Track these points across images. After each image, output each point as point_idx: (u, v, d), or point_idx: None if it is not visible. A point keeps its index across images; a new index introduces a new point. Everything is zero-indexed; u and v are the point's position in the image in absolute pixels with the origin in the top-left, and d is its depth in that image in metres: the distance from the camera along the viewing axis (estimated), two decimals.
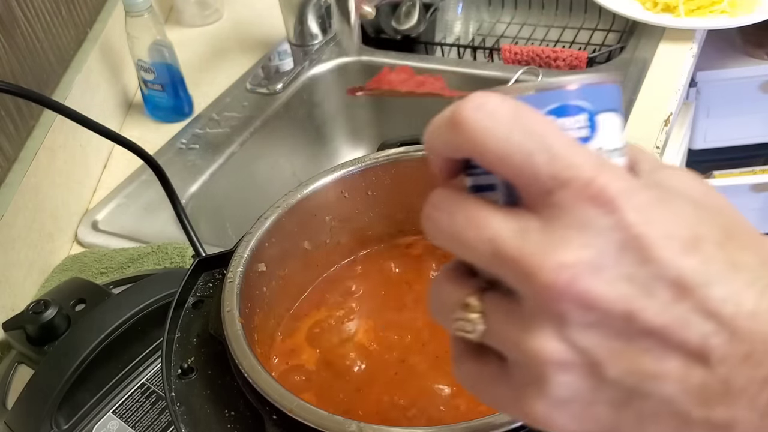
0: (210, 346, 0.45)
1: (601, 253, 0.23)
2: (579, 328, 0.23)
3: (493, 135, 0.24)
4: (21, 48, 0.82)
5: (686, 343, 0.23)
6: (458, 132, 0.24)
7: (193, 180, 0.93)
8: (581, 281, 0.23)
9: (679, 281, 0.23)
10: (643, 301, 0.23)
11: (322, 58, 1.12)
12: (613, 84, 0.28)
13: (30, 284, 0.77)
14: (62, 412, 0.57)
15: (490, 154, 0.24)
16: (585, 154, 0.24)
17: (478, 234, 0.24)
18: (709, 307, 0.23)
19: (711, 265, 0.23)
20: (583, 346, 0.23)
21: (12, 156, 0.79)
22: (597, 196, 0.23)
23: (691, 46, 1.05)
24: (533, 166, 0.24)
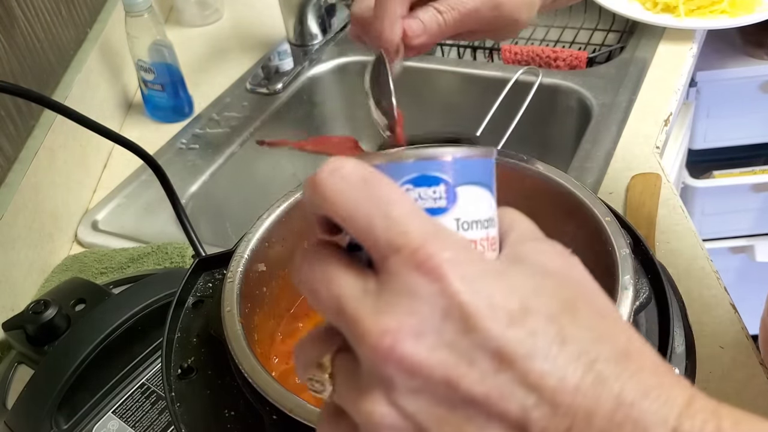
0: (210, 346, 0.45)
1: (424, 320, 0.24)
2: (405, 394, 0.24)
3: (341, 197, 0.25)
4: (21, 48, 0.82)
5: (506, 414, 0.23)
6: (315, 192, 0.26)
7: (193, 180, 0.93)
8: (402, 346, 0.23)
9: (501, 352, 0.23)
10: (463, 369, 0.23)
11: (322, 58, 1.11)
12: (484, 158, 0.28)
13: (30, 284, 0.77)
14: (62, 412, 0.57)
15: (339, 215, 0.25)
16: (421, 222, 0.25)
17: (327, 289, 0.25)
18: (530, 379, 0.23)
19: (537, 338, 0.23)
20: (410, 411, 0.24)
21: (12, 156, 0.79)
22: (423, 264, 0.24)
23: (691, 46, 1.05)
24: (373, 231, 0.25)
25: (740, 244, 1.54)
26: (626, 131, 0.90)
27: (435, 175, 0.27)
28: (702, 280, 0.71)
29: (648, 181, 0.82)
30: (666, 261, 0.49)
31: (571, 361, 0.23)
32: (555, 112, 1.01)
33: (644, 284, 0.44)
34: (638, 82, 0.98)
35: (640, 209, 0.78)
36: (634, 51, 1.05)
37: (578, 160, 0.87)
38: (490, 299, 0.24)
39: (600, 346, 0.24)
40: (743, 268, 1.57)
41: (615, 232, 0.45)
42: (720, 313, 0.68)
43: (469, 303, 0.24)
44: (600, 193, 0.82)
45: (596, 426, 0.23)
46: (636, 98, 0.96)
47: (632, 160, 0.86)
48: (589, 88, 0.98)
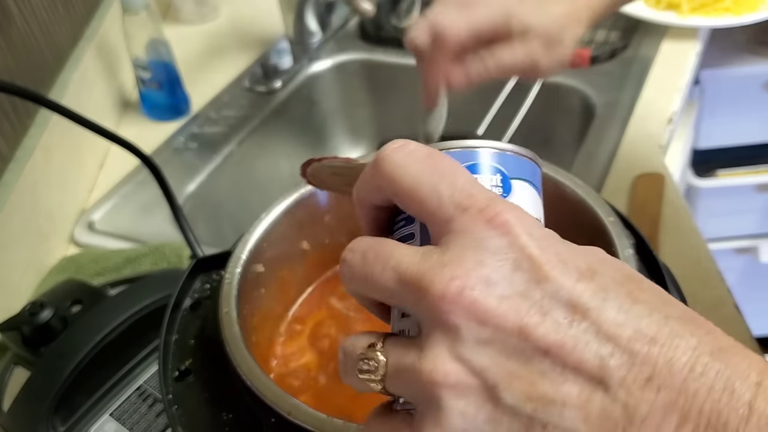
0: (207, 348, 0.45)
1: (494, 269, 0.23)
2: (472, 345, 0.23)
3: (406, 170, 0.26)
4: (17, 45, 0.82)
5: (583, 364, 0.23)
6: (379, 170, 0.27)
7: (191, 180, 0.93)
8: (471, 291, 0.23)
9: (575, 302, 0.23)
10: (537, 318, 0.23)
11: (321, 55, 1.11)
12: (533, 162, 0.30)
13: (26, 285, 0.77)
14: (59, 415, 0.56)
15: (403, 186, 0.26)
16: (485, 190, 0.26)
17: (383, 265, 0.25)
18: (605, 329, 0.23)
19: (608, 293, 0.23)
20: (478, 365, 0.23)
21: (7, 155, 0.78)
22: (493, 219, 0.24)
23: (695, 45, 1.05)
24: (438, 197, 0.25)
25: (745, 244, 1.55)
26: (630, 130, 0.90)
27: (493, 165, 0.29)
28: (706, 281, 0.71)
29: (652, 180, 0.82)
30: (670, 262, 0.49)
31: (644, 315, 0.23)
32: (557, 111, 1.01)
33: None
34: (642, 80, 0.98)
35: (643, 209, 0.78)
36: (637, 49, 1.04)
37: (581, 160, 0.86)
38: (558, 255, 0.24)
39: (670, 307, 0.24)
40: (747, 269, 1.57)
41: (618, 232, 0.44)
42: (724, 314, 0.68)
43: (539, 255, 0.24)
44: (603, 192, 0.82)
45: (678, 375, 0.22)
46: (639, 97, 0.95)
47: (636, 160, 0.86)
48: (592, 87, 0.97)
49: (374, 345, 0.26)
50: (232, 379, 0.41)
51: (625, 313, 0.23)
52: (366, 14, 0.98)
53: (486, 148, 0.29)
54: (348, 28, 1.17)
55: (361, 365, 0.26)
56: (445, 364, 0.23)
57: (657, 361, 0.22)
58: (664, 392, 0.22)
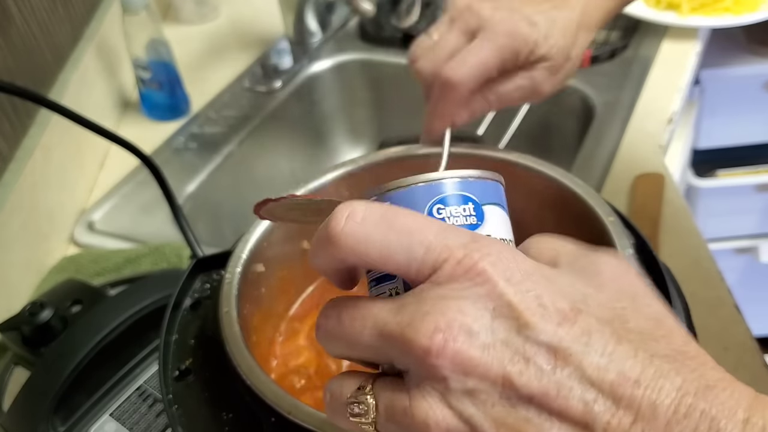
0: (208, 348, 0.45)
1: (474, 318, 0.24)
2: (460, 395, 0.24)
3: (370, 242, 0.25)
4: (17, 46, 0.81)
5: (568, 410, 0.23)
6: (337, 247, 0.26)
7: (191, 180, 0.93)
8: (455, 343, 0.23)
9: (556, 348, 0.23)
10: (520, 366, 0.23)
11: (321, 55, 1.11)
12: (496, 182, 0.30)
13: (25, 285, 0.77)
14: (59, 415, 0.56)
15: (373, 259, 0.26)
16: (458, 235, 0.25)
17: (362, 324, 0.26)
18: (588, 374, 0.23)
19: (591, 336, 0.23)
20: (467, 414, 0.23)
21: (7, 155, 0.78)
22: (470, 269, 0.24)
23: (695, 45, 1.05)
24: (413, 260, 0.25)
25: (745, 244, 1.55)
26: (629, 130, 0.90)
27: (463, 193, 0.29)
28: (706, 281, 0.71)
29: (652, 180, 0.82)
30: (670, 262, 0.49)
31: (628, 356, 0.23)
32: (557, 111, 1.01)
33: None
34: (642, 80, 0.98)
35: (643, 209, 0.78)
36: (637, 49, 1.04)
37: (581, 160, 0.86)
38: (538, 299, 0.24)
39: (656, 344, 0.24)
40: (748, 269, 1.57)
41: (618, 232, 0.44)
42: (724, 314, 0.68)
43: (518, 302, 0.24)
44: (603, 192, 0.81)
45: (662, 418, 0.22)
46: (639, 97, 0.95)
47: (636, 160, 0.86)
48: (592, 87, 0.97)
49: (363, 387, 0.26)
50: (232, 378, 0.41)
51: (608, 356, 0.23)
52: (366, 14, 0.98)
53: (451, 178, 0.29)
54: (348, 28, 1.17)
55: (352, 408, 0.26)
56: (436, 412, 0.24)
57: (641, 404, 0.22)
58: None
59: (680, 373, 0.23)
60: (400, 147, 0.54)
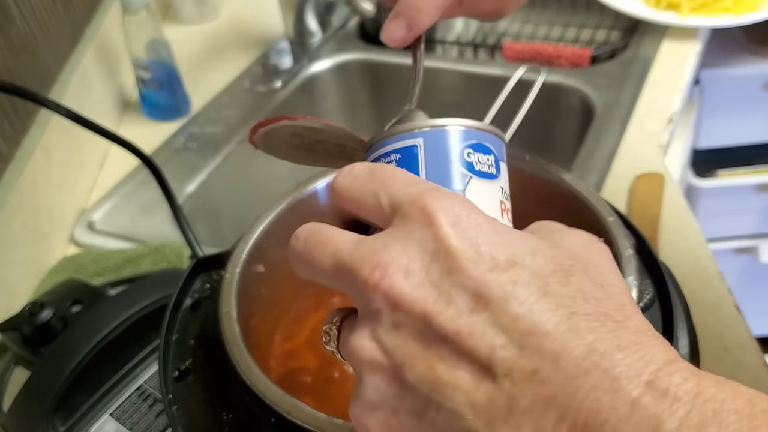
0: (207, 348, 0.45)
1: (414, 259, 0.25)
2: (387, 328, 0.25)
3: (352, 191, 0.29)
4: (17, 46, 0.81)
5: (475, 352, 0.24)
6: (333, 197, 0.30)
7: (191, 180, 0.93)
8: (389, 279, 0.25)
9: (479, 293, 0.24)
10: (440, 307, 0.24)
11: (321, 55, 1.11)
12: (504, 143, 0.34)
13: (25, 285, 0.77)
14: (59, 415, 0.56)
15: (353, 205, 0.29)
16: (423, 185, 0.28)
17: (323, 251, 0.28)
18: (503, 321, 0.24)
19: (516, 286, 0.24)
20: (389, 346, 0.25)
21: (7, 155, 0.78)
22: (420, 211, 0.26)
23: (695, 45, 1.05)
24: (380, 204, 0.28)
25: (744, 244, 1.55)
26: (630, 130, 0.90)
27: (487, 145, 0.32)
28: (706, 281, 0.71)
29: (652, 180, 0.82)
30: (670, 262, 0.49)
31: (547, 310, 0.23)
32: (557, 111, 1.01)
33: (648, 285, 0.44)
34: (642, 80, 0.98)
35: (643, 209, 0.78)
36: (637, 49, 1.04)
37: (581, 160, 0.86)
38: (476, 246, 0.25)
39: (585, 304, 0.24)
40: (747, 269, 1.57)
41: (618, 232, 0.44)
42: (724, 314, 0.68)
43: (456, 247, 0.25)
44: (603, 192, 0.81)
45: (562, 371, 0.22)
46: (639, 97, 0.95)
47: (636, 160, 0.86)
48: (592, 87, 0.97)
49: (335, 319, 0.30)
50: (232, 379, 0.41)
51: (528, 306, 0.24)
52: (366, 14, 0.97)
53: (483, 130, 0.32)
54: (348, 28, 1.17)
55: (323, 336, 0.30)
56: (364, 343, 0.26)
57: (544, 356, 0.23)
58: (547, 386, 0.22)
59: (594, 332, 0.23)
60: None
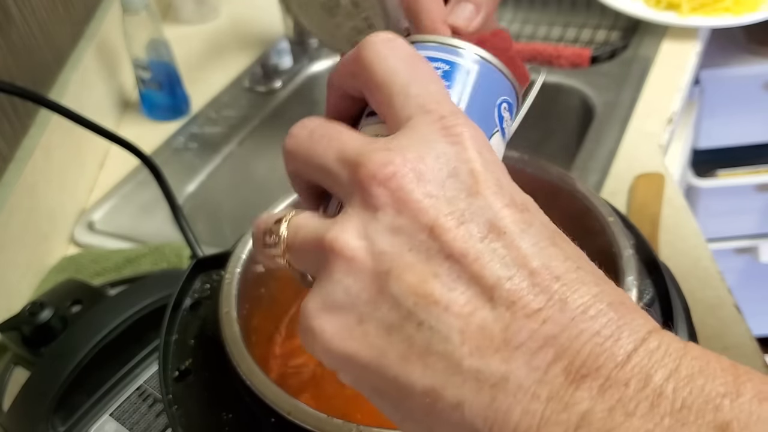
0: (208, 348, 0.45)
1: (430, 168, 0.24)
2: (382, 229, 0.23)
3: (385, 63, 0.26)
4: (17, 46, 0.82)
5: (479, 278, 0.22)
6: (359, 56, 0.27)
7: (191, 180, 0.93)
8: (401, 179, 0.23)
9: (495, 223, 0.23)
10: (452, 223, 0.23)
11: (321, 55, 1.11)
12: None
13: (25, 285, 0.77)
14: (59, 415, 0.56)
15: (376, 77, 0.26)
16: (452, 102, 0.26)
17: (328, 143, 0.26)
18: (514, 255, 0.23)
19: (532, 227, 0.23)
20: (379, 248, 0.23)
21: (7, 155, 0.79)
22: (450, 128, 0.24)
23: (695, 45, 1.05)
24: (406, 95, 0.26)
25: (744, 244, 1.55)
26: (629, 130, 0.90)
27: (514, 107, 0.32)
28: (706, 281, 0.71)
29: (652, 180, 0.82)
30: (670, 262, 0.49)
31: (557, 257, 0.23)
32: (557, 111, 1.01)
33: (648, 285, 0.44)
34: (642, 80, 0.98)
35: (643, 209, 0.78)
36: (637, 49, 1.04)
37: (581, 160, 0.86)
38: (499, 179, 0.24)
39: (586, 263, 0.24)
40: (747, 269, 1.57)
41: (618, 232, 0.44)
42: (724, 314, 0.68)
43: (480, 172, 0.24)
44: (603, 192, 0.81)
45: (568, 313, 0.22)
46: (639, 97, 0.95)
47: (636, 160, 0.86)
48: (592, 87, 0.97)
49: (281, 220, 0.26)
50: (232, 379, 0.41)
51: (540, 249, 0.23)
52: None
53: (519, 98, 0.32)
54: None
55: (265, 239, 0.27)
56: (349, 237, 0.24)
57: (552, 296, 0.22)
58: (549, 325, 0.22)
59: (600, 286, 0.23)
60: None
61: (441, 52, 0.30)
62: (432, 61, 0.30)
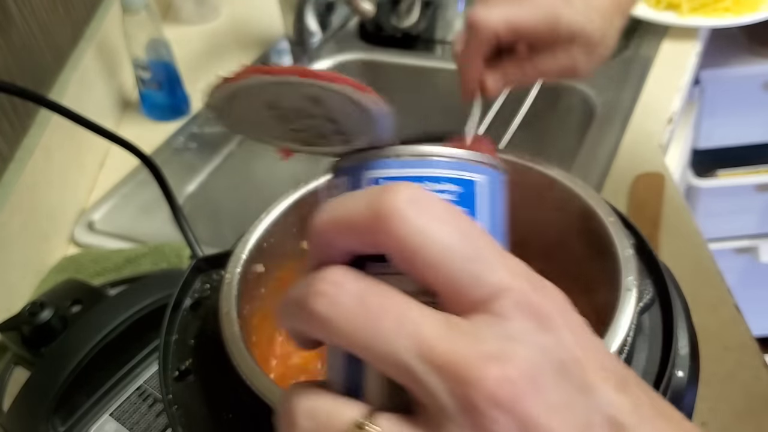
0: (208, 348, 0.44)
1: (543, 372, 0.21)
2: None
3: (428, 239, 0.21)
4: (17, 46, 0.82)
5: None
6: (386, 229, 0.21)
7: (191, 180, 0.93)
8: (523, 399, 0.20)
9: (616, 419, 0.21)
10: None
11: (320, 55, 1.11)
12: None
13: (25, 285, 0.77)
14: (59, 415, 0.56)
15: (424, 259, 0.21)
16: (521, 265, 0.23)
17: (397, 325, 0.21)
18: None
19: (642, 409, 0.22)
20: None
21: (8, 155, 0.79)
22: (537, 310, 0.22)
23: (695, 45, 1.05)
24: (472, 276, 0.22)
25: (745, 244, 1.55)
26: (629, 130, 0.90)
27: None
28: (706, 281, 0.71)
29: (652, 180, 0.82)
30: (670, 262, 0.49)
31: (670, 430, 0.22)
32: (557, 111, 1.01)
33: (648, 285, 0.44)
34: (642, 80, 0.98)
35: (643, 209, 0.78)
36: (637, 49, 1.05)
37: (581, 160, 0.86)
38: (601, 360, 0.22)
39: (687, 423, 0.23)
40: (747, 269, 1.58)
41: (618, 232, 0.44)
42: (724, 314, 0.68)
43: (584, 359, 0.22)
44: (603, 192, 0.81)
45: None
46: (639, 97, 0.95)
47: (636, 160, 0.86)
48: (592, 87, 0.97)
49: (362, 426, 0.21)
50: (232, 379, 0.41)
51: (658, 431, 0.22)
52: (366, 14, 0.98)
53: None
54: (348, 29, 1.17)
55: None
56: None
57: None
58: None
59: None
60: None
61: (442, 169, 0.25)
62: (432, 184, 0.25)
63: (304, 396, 0.22)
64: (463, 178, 0.24)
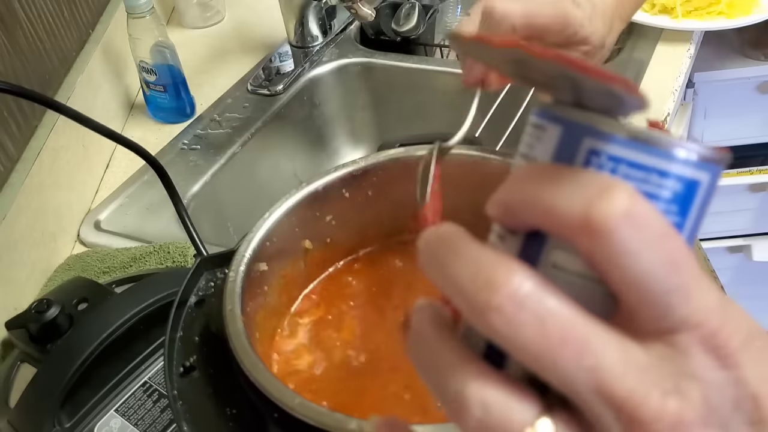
0: (212, 345, 0.45)
1: (716, 410, 0.20)
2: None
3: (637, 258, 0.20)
4: (23, 49, 0.82)
5: None
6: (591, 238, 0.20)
7: (195, 180, 0.93)
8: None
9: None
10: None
11: (322, 59, 1.12)
12: None
13: (32, 284, 0.78)
14: (65, 411, 0.57)
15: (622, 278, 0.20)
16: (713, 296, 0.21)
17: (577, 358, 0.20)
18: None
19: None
20: None
21: (15, 156, 0.79)
22: (720, 348, 0.21)
23: (689, 47, 1.06)
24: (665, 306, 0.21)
25: (737, 243, 1.55)
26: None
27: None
28: None
29: None
30: None
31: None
32: None
33: None
34: (636, 82, 0.98)
35: None
36: (631, 52, 1.05)
37: None
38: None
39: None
40: (740, 268, 1.58)
41: None
42: None
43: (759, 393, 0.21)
44: None
45: None
46: None
47: None
48: None
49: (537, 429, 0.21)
50: (236, 374, 0.42)
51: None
52: (366, 19, 0.99)
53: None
54: (348, 33, 1.17)
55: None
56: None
57: None
58: None
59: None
60: (400, 149, 0.55)
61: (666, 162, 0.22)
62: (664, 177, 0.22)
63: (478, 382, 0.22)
64: (689, 177, 0.22)
